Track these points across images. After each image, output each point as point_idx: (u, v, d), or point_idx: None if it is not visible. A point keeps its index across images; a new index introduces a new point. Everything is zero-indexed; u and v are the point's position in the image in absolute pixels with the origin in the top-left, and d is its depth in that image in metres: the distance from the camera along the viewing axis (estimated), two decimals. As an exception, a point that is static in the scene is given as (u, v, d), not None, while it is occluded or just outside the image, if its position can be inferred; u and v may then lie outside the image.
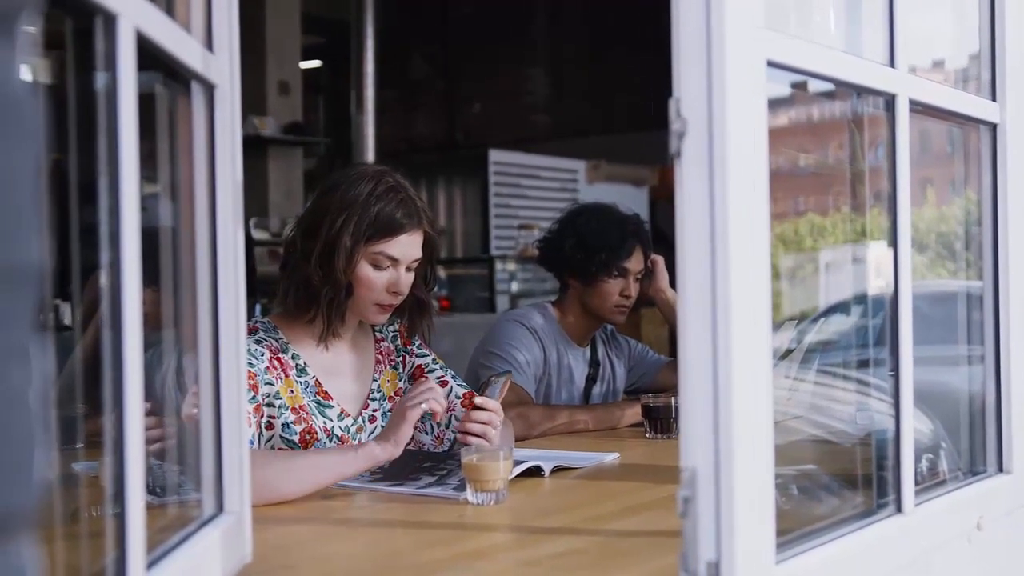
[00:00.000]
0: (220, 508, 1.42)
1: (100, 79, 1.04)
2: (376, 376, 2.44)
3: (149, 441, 1.19)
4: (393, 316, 2.42)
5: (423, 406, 2.07)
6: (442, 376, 2.48)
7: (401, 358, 2.50)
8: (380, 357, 2.46)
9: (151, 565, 1.13)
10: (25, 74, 0.62)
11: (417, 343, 2.52)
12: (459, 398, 2.44)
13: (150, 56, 1.14)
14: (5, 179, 0.58)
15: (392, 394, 2.45)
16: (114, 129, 1.03)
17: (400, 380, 2.48)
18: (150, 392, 1.13)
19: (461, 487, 2.00)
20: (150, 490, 1.26)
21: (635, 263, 3.13)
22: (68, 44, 1.07)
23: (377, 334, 2.49)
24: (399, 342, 2.51)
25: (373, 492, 2.08)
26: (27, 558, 0.60)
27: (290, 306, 2.31)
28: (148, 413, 1.12)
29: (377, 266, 2.27)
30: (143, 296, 1.09)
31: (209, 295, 1.41)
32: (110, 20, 1.02)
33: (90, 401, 1.21)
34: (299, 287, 2.29)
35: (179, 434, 1.57)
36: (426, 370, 2.49)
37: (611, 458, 2.45)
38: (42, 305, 0.63)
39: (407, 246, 2.30)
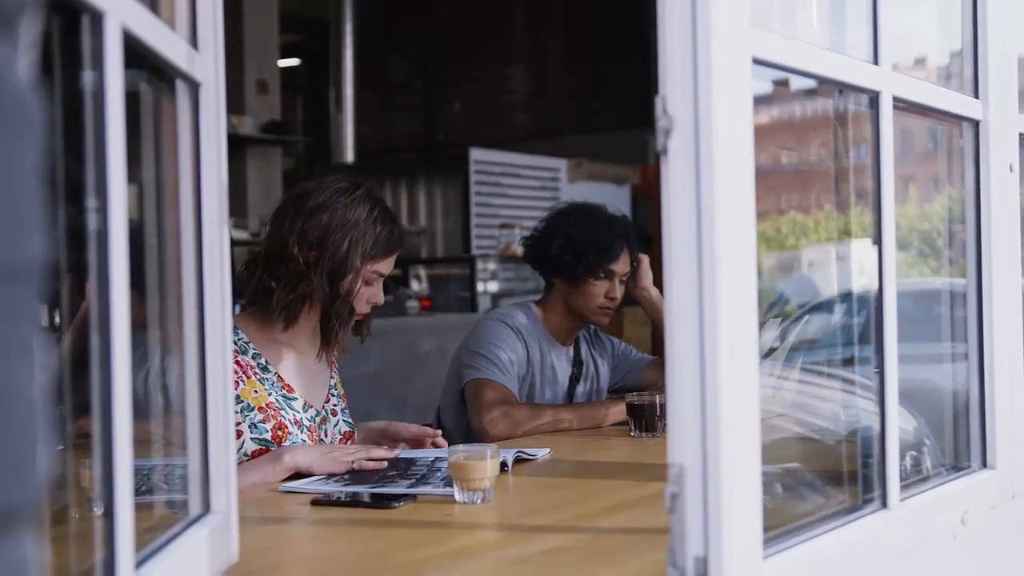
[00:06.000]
0: (207, 508, 1.42)
1: (86, 77, 1.04)
2: (333, 375, 2.58)
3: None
4: None
5: (354, 464, 2.22)
6: (336, 405, 2.61)
7: (337, 368, 2.64)
8: (333, 360, 2.59)
9: (139, 565, 1.12)
10: (26, 72, 0.62)
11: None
12: (340, 434, 2.54)
13: (134, 54, 1.14)
14: (9, 176, 0.58)
15: (342, 394, 2.60)
16: (101, 128, 1.03)
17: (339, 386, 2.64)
18: (133, 393, 1.12)
19: (448, 483, 1.99)
20: (136, 490, 1.25)
21: (622, 265, 3.13)
22: (53, 41, 1.07)
23: None
24: (336, 353, 2.63)
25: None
26: (30, 553, 0.61)
27: (290, 317, 2.38)
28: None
29: (367, 283, 2.41)
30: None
31: (195, 296, 1.40)
32: (97, 18, 1.01)
33: (73, 402, 1.21)
34: (302, 300, 2.37)
35: (164, 435, 1.56)
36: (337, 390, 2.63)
37: (543, 453, 2.46)
38: (40, 302, 0.63)
39: (393, 263, 2.47)
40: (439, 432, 2.57)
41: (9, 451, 0.58)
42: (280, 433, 2.33)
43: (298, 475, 2.19)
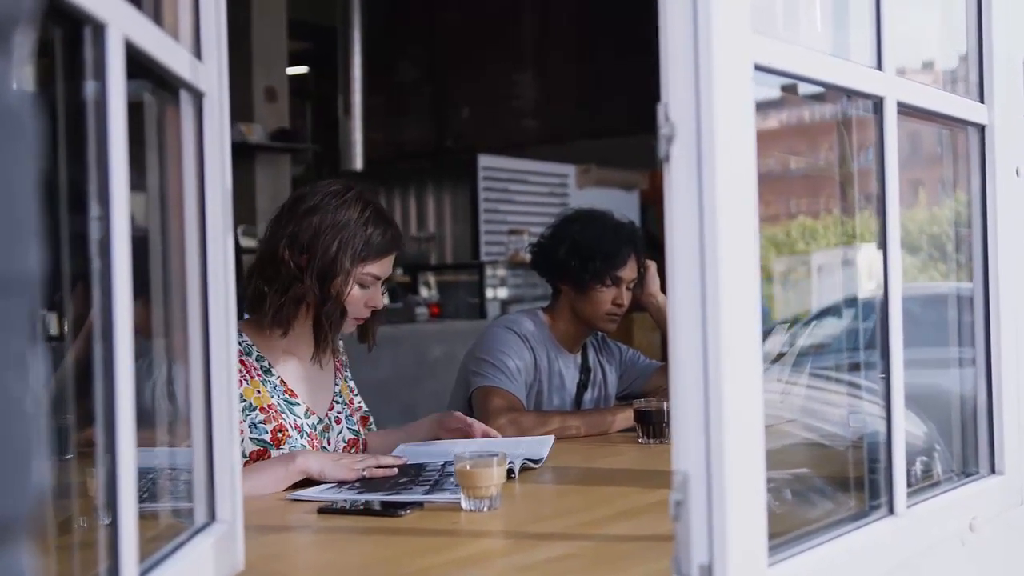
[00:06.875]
0: (212, 517, 1.42)
1: (89, 87, 1.04)
2: (337, 382, 2.57)
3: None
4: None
5: (364, 473, 2.23)
6: (360, 404, 2.65)
7: (348, 372, 2.65)
8: (338, 366, 2.60)
9: (144, 574, 1.13)
10: (22, 84, 0.62)
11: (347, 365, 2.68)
12: (344, 441, 2.54)
13: (138, 64, 1.14)
14: (4, 188, 0.58)
15: (348, 401, 2.59)
16: (103, 138, 1.03)
17: (350, 391, 2.62)
18: (140, 402, 1.12)
19: (458, 490, 1.99)
20: (140, 498, 1.25)
21: (629, 272, 3.12)
22: (56, 52, 1.07)
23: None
24: (345, 357, 2.65)
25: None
26: (25, 565, 0.61)
27: (282, 320, 2.38)
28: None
29: (362, 285, 2.41)
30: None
31: (199, 304, 1.41)
32: (99, 29, 1.02)
33: (80, 412, 1.21)
34: (294, 303, 2.37)
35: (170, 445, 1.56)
36: (354, 393, 2.64)
37: (548, 444, 2.50)
38: (37, 314, 0.64)
39: (389, 266, 2.46)
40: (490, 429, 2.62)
41: (3, 463, 0.58)
42: (280, 436, 2.34)
43: (306, 480, 2.19)
